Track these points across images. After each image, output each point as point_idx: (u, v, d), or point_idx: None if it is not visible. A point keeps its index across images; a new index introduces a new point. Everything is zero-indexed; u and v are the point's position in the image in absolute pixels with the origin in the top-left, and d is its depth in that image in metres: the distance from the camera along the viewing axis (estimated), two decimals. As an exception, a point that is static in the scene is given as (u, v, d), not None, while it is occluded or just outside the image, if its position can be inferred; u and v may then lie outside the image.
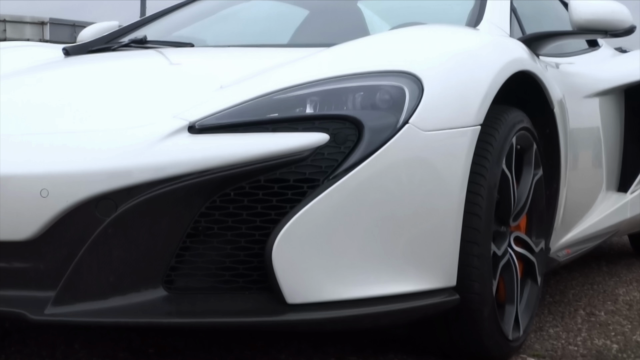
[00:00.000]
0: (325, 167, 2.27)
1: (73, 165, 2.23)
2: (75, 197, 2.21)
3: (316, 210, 2.23)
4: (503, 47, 2.82)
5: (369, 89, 2.39)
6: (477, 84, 2.56)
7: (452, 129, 2.44)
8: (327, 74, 2.42)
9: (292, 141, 2.26)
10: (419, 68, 2.46)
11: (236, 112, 2.32)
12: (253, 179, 2.24)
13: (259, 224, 2.24)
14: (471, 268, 2.49)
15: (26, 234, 2.24)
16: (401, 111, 2.36)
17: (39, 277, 2.26)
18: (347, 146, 2.29)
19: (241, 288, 2.26)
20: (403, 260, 2.36)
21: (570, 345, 3.04)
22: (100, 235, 2.20)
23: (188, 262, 2.25)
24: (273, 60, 2.81)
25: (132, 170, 2.20)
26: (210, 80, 2.63)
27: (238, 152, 2.23)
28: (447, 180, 2.41)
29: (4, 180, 2.24)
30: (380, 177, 2.30)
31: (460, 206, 2.44)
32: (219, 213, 2.24)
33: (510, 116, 2.73)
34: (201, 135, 2.27)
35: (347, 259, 2.29)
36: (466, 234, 2.47)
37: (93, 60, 3.31)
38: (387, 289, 2.34)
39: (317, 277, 2.26)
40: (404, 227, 2.35)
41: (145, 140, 2.25)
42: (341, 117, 2.31)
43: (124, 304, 2.21)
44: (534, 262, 2.95)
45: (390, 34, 2.77)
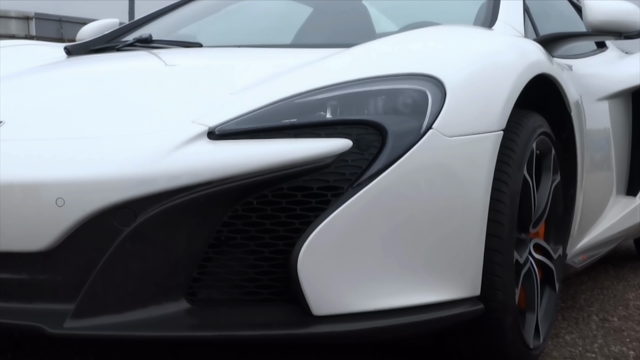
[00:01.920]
0: (349, 175, 2.21)
1: (89, 172, 2.16)
2: (92, 206, 2.14)
3: (341, 219, 2.17)
4: (523, 50, 2.76)
5: (391, 93, 2.33)
6: (499, 87, 2.51)
7: (475, 134, 2.38)
8: (348, 77, 2.36)
9: (315, 148, 2.20)
10: (441, 71, 2.40)
11: (256, 117, 2.26)
12: (276, 187, 2.18)
13: (283, 234, 2.18)
14: (494, 277, 2.43)
15: (42, 245, 2.17)
16: (424, 116, 2.30)
17: (56, 289, 2.19)
18: (371, 152, 2.23)
19: (265, 300, 2.20)
20: (427, 270, 2.31)
21: (587, 353, 3.00)
22: (119, 246, 2.14)
23: (210, 274, 2.19)
24: (286, 61, 2.75)
25: (152, 178, 2.14)
26: (225, 83, 2.57)
27: (260, 159, 2.17)
28: (470, 187, 2.36)
29: (17, 188, 2.18)
30: (404, 184, 2.24)
31: (484, 213, 2.38)
32: (242, 222, 2.18)
33: (531, 121, 2.68)
34: (221, 142, 2.21)
35: (372, 268, 2.23)
36: (489, 241, 2.41)
37: (100, 61, 3.24)
38: (412, 299, 2.29)
39: (342, 287, 2.20)
40: (428, 236, 2.30)
41: (164, 147, 2.18)
42: (364, 122, 2.26)
43: (146, 317, 2.15)
44: (552, 269, 2.90)
45: (408, 35, 2.71)
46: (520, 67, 2.61)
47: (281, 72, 2.54)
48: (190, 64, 2.95)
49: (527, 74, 2.62)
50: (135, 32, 3.70)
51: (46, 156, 2.23)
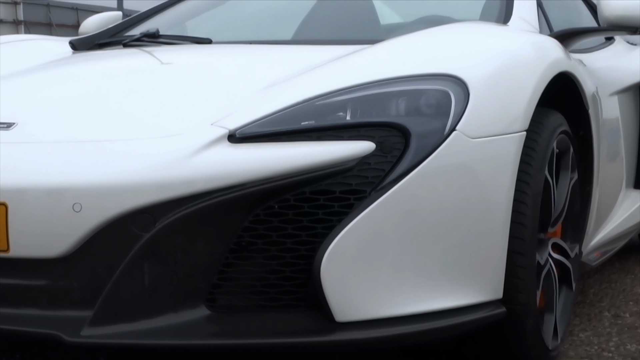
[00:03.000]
0: (372, 178, 2.16)
1: (107, 177, 2.11)
2: (110, 212, 2.09)
3: (364, 224, 2.13)
4: (544, 48, 2.71)
5: (414, 94, 2.28)
6: (522, 87, 2.46)
7: (499, 135, 2.34)
8: (369, 77, 2.31)
9: (338, 151, 2.15)
10: (464, 71, 2.35)
11: (277, 119, 2.20)
12: (298, 191, 2.13)
13: (305, 238, 2.14)
14: (517, 279, 2.39)
15: (58, 251, 2.12)
16: (448, 117, 2.26)
17: (73, 295, 2.14)
18: (394, 155, 2.19)
19: (287, 306, 2.15)
20: (450, 274, 2.27)
21: (604, 352, 2.97)
22: (138, 252, 2.09)
23: (231, 280, 2.14)
24: (301, 60, 2.69)
25: (172, 182, 2.09)
26: (241, 83, 2.51)
27: (282, 163, 2.12)
28: (494, 190, 2.31)
29: (33, 193, 2.12)
30: (427, 187, 2.20)
31: (507, 216, 2.34)
32: (263, 227, 2.13)
33: (551, 119, 2.63)
34: (242, 145, 2.16)
35: (395, 273, 2.19)
36: (512, 244, 2.37)
37: (109, 58, 3.17)
38: (435, 304, 2.25)
39: (365, 293, 2.16)
40: (452, 239, 2.26)
41: (184, 151, 2.13)
42: (387, 124, 2.21)
43: (165, 324, 2.10)
44: (569, 268, 2.86)
45: (427, 34, 2.65)
46: (542, 65, 2.56)
47: (299, 71, 2.48)
48: (202, 62, 2.88)
49: (549, 73, 2.58)
50: (141, 26, 3.63)
51: (62, 160, 2.17)
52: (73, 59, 3.19)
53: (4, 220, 2.13)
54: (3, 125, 2.33)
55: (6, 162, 2.19)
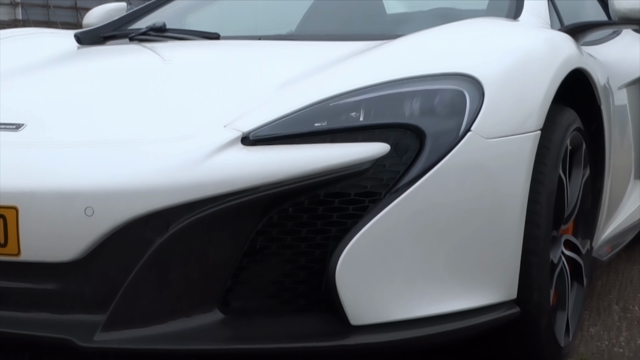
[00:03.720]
0: (387, 180, 2.14)
1: (119, 181, 2.08)
2: (123, 216, 2.06)
3: (379, 227, 2.11)
4: (558, 44, 2.68)
5: (428, 94, 2.26)
6: (537, 85, 2.44)
7: (514, 135, 2.31)
8: (383, 77, 2.29)
9: (353, 153, 2.13)
10: (478, 70, 2.33)
11: (291, 121, 2.18)
12: (312, 194, 2.11)
13: (319, 241, 2.12)
14: (531, 279, 2.38)
15: (71, 255, 2.10)
16: (462, 117, 2.23)
17: (85, 299, 2.12)
18: (409, 156, 2.17)
19: (301, 309, 2.14)
20: (465, 275, 2.25)
21: (614, 347, 2.95)
22: (152, 256, 2.07)
23: (245, 283, 2.12)
24: (312, 57, 2.66)
25: (186, 186, 2.06)
26: (252, 82, 2.49)
27: (297, 166, 2.10)
28: (509, 191, 2.29)
29: (45, 197, 2.10)
30: (442, 189, 2.18)
31: (521, 216, 2.32)
32: (277, 230, 2.11)
33: (565, 117, 2.61)
34: (256, 147, 2.13)
35: (410, 275, 2.18)
36: (526, 243, 2.35)
37: (116, 54, 3.13)
38: (450, 305, 2.23)
39: (380, 296, 2.14)
40: (467, 241, 2.24)
41: (197, 154, 2.11)
42: (402, 125, 2.18)
43: (179, 329, 2.08)
44: (581, 264, 2.85)
45: (440, 31, 2.62)
46: (556, 63, 2.54)
47: (310, 70, 2.45)
48: (212, 60, 2.83)
49: (563, 70, 2.55)
50: (146, 18, 3.59)
51: (73, 163, 2.15)
52: (79, 55, 3.16)
53: (14, 224, 2.11)
54: (12, 127, 2.31)
55: (16, 164, 2.17)
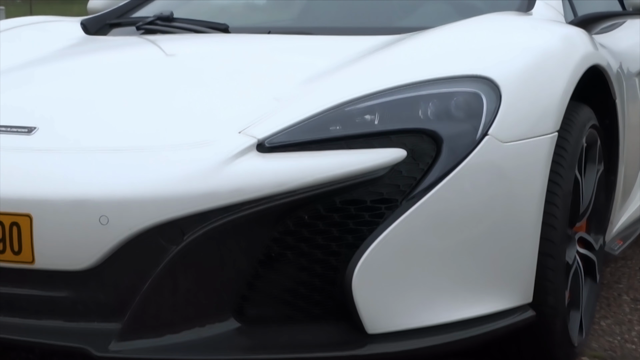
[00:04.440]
0: (403, 186, 2.12)
1: (134, 189, 2.05)
2: (138, 226, 2.04)
3: (397, 234, 2.09)
4: (574, 41, 2.65)
5: (445, 97, 2.23)
6: (554, 86, 2.41)
7: (531, 138, 2.29)
8: (398, 80, 2.25)
9: (369, 159, 2.11)
10: (495, 71, 2.30)
11: (307, 127, 2.15)
12: (328, 201, 2.09)
13: (335, 249, 2.10)
14: (546, 282, 2.36)
15: (85, 265, 2.08)
16: (479, 121, 2.20)
17: (100, 307, 2.11)
18: (425, 162, 2.14)
19: (317, 317, 2.12)
20: (481, 281, 2.24)
21: (627, 343, 2.95)
22: (167, 265, 2.05)
23: (260, 291, 2.11)
24: (324, 55, 2.62)
25: (201, 195, 2.04)
26: (265, 83, 2.44)
27: (313, 173, 2.07)
28: (526, 194, 2.27)
29: (58, 205, 2.07)
30: (459, 195, 2.16)
31: (538, 219, 2.30)
32: (293, 238, 2.09)
33: (581, 115, 2.57)
34: (271, 155, 2.10)
35: (426, 282, 2.16)
36: (542, 246, 2.33)
37: (125, 48, 3.07)
38: (466, 312, 2.22)
39: (396, 304, 2.13)
40: (483, 246, 2.22)
41: (213, 161, 2.08)
42: (419, 130, 2.16)
43: (194, 338, 2.07)
44: (594, 261, 2.83)
45: (453, 30, 2.58)
46: (574, 61, 2.50)
47: (325, 70, 2.42)
48: (223, 57, 2.77)
49: (580, 68, 2.52)
50: (152, 4, 3.53)
51: (87, 170, 2.11)
52: (88, 49, 3.10)
53: (28, 232, 2.09)
54: (24, 130, 2.27)
55: (30, 171, 2.14)
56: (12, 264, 2.12)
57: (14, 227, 2.09)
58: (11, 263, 2.12)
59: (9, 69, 2.84)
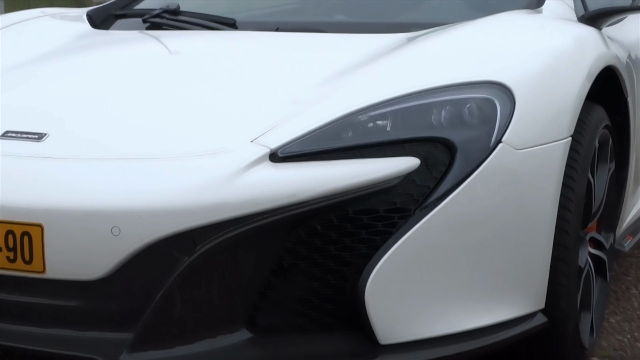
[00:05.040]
0: (417, 195, 2.10)
1: (146, 200, 2.04)
2: (150, 236, 2.03)
3: (410, 244, 2.08)
4: (588, 42, 2.61)
5: (458, 104, 2.20)
6: (568, 88, 2.38)
7: (545, 144, 2.26)
8: (410, 87, 2.22)
9: (383, 168, 2.09)
10: (508, 76, 2.27)
11: (320, 136, 2.13)
12: (341, 211, 2.07)
13: (348, 259, 2.08)
14: (559, 286, 2.35)
15: (96, 275, 2.06)
16: (493, 128, 2.18)
17: (110, 317, 2.10)
18: (439, 170, 2.12)
19: (329, 327, 2.11)
20: (494, 289, 2.22)
21: (637, 342, 2.94)
22: (179, 276, 2.04)
23: (272, 301, 2.10)
24: (336, 57, 2.58)
25: (214, 206, 2.02)
26: (275, 87, 2.41)
27: (326, 184, 2.05)
28: (539, 201, 2.25)
29: (70, 215, 2.05)
30: (473, 204, 2.14)
31: (551, 225, 2.28)
32: (305, 248, 2.08)
33: (594, 116, 2.55)
34: (284, 165, 2.08)
35: (439, 292, 2.15)
36: (555, 251, 2.32)
37: (133, 45, 3.03)
38: (479, 320, 2.21)
39: (409, 313, 2.12)
40: (496, 254, 2.20)
41: (225, 172, 2.06)
42: (432, 139, 2.13)
43: (206, 349, 2.06)
44: (604, 260, 2.82)
45: (464, 33, 2.53)
46: (587, 64, 2.48)
47: (337, 72, 2.39)
48: (233, 57, 2.72)
49: (594, 71, 2.49)
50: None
51: (99, 180, 2.09)
52: (94, 45, 3.07)
53: (39, 242, 2.07)
54: (34, 136, 2.25)
55: (41, 179, 2.12)
56: (23, 273, 2.10)
57: (24, 237, 2.08)
58: (22, 272, 2.10)
59: (14, 66, 2.82)
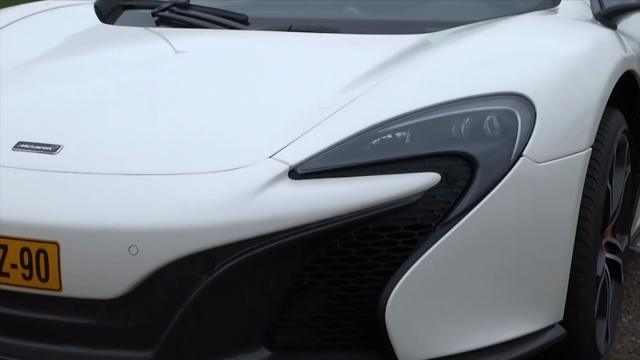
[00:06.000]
0: (437, 211, 2.07)
1: (164, 219, 2.01)
2: (169, 256, 2.00)
3: (431, 262, 2.05)
4: (606, 48, 2.58)
5: (478, 116, 2.17)
6: (588, 97, 2.35)
7: (566, 156, 2.24)
8: (430, 100, 2.19)
9: (403, 184, 2.06)
10: (529, 87, 2.24)
11: (339, 152, 2.09)
12: (361, 228, 2.04)
13: (368, 276, 2.06)
14: (577, 298, 2.33)
15: (113, 294, 2.04)
16: (514, 142, 2.15)
17: (128, 336, 2.08)
18: (459, 185, 2.09)
19: (348, 345, 2.10)
20: (514, 304, 2.21)
21: (651, 343, 2.94)
22: (198, 296, 2.01)
23: (291, 319, 2.08)
24: (354, 62, 2.53)
25: (233, 226, 1.99)
26: (294, 95, 2.36)
27: (346, 201, 2.03)
28: (560, 214, 2.23)
29: (86, 233, 2.03)
30: (494, 219, 2.11)
31: (571, 237, 2.26)
32: (325, 266, 2.05)
33: (612, 122, 2.52)
34: (304, 182, 2.05)
35: (460, 308, 2.13)
36: (574, 262, 2.30)
37: (143, 45, 2.98)
38: (499, 336, 2.19)
39: (429, 331, 2.10)
40: (517, 269, 2.18)
41: (244, 190, 2.03)
42: (453, 153, 2.10)
43: None
44: (619, 263, 2.80)
45: (481, 41, 2.48)
46: (608, 71, 2.44)
47: (355, 80, 2.35)
48: (248, 63, 2.64)
49: (614, 77, 2.46)
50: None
51: (116, 197, 2.06)
52: (104, 43, 3.01)
53: (56, 260, 2.05)
54: (48, 148, 2.21)
55: (56, 195, 2.09)
56: (39, 291, 2.08)
57: (40, 254, 2.05)
58: (38, 290, 2.08)
59: (21, 66, 2.77)
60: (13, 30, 3.11)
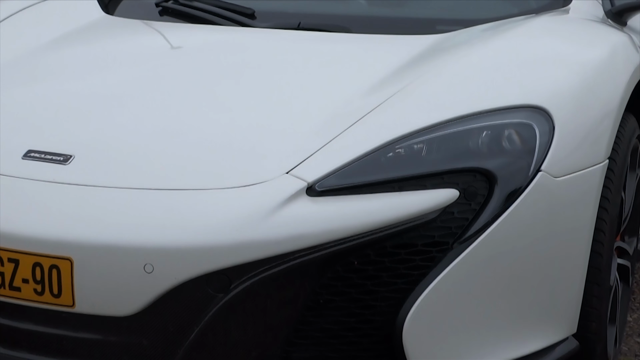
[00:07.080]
0: (455, 228, 2.05)
1: (181, 237, 1.97)
2: (184, 275, 1.97)
3: (449, 280, 2.04)
4: (622, 54, 2.54)
5: (497, 130, 2.14)
6: (606, 107, 2.33)
7: (583, 170, 2.21)
8: (447, 114, 2.16)
9: (422, 201, 2.03)
10: (547, 98, 2.21)
11: (357, 168, 2.06)
12: (379, 246, 2.02)
13: (385, 294, 2.04)
14: (591, 309, 2.32)
15: (127, 312, 2.01)
16: (532, 156, 2.12)
17: (142, 354, 2.05)
18: (477, 202, 2.07)
19: None
20: (531, 318, 2.20)
21: (657, 345, 2.94)
22: (215, 315, 1.99)
23: (308, 337, 2.06)
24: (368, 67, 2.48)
25: (250, 245, 1.96)
26: (309, 104, 2.32)
27: (364, 219, 2.00)
28: (576, 228, 2.21)
29: (101, 251, 1.99)
30: (511, 235, 2.09)
31: (587, 250, 2.25)
32: (342, 284, 2.03)
33: (627, 129, 2.49)
34: (322, 199, 2.02)
35: (478, 326, 2.11)
36: (589, 274, 2.28)
37: (149, 42, 2.91)
38: (516, 351, 2.18)
39: (446, 349, 2.09)
40: (534, 285, 2.17)
41: (261, 208, 1.99)
42: (471, 169, 2.07)
43: None
44: (628, 267, 2.79)
45: (496, 47, 2.44)
46: (625, 79, 2.41)
47: (370, 89, 2.31)
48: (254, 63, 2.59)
49: (631, 86, 2.44)
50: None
51: (131, 213, 2.02)
52: (109, 39, 2.95)
53: (69, 276, 2.01)
54: (59, 158, 2.17)
55: (70, 209, 2.05)
56: (51, 307, 2.05)
57: (53, 270, 2.02)
58: (50, 305, 2.05)
59: (22, 59, 2.72)
60: (14, 21, 3.05)
